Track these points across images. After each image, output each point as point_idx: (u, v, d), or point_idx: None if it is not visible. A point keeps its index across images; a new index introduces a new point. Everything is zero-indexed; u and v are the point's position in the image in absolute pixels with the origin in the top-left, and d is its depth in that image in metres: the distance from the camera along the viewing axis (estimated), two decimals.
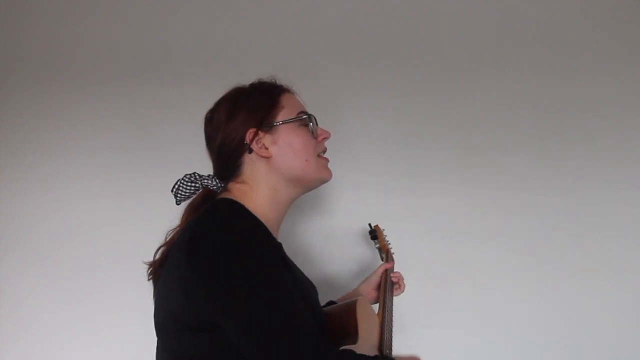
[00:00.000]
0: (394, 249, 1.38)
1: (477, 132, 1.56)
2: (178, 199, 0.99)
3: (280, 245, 0.90)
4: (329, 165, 1.06)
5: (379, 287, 1.28)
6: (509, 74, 1.58)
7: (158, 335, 0.92)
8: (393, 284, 1.28)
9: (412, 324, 1.47)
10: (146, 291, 0.97)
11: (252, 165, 0.98)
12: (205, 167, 1.03)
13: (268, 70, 1.07)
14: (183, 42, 1.66)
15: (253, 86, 1.04)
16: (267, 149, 0.97)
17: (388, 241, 1.41)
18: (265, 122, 0.98)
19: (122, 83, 1.65)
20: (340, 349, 0.86)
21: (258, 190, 0.97)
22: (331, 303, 1.26)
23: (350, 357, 0.81)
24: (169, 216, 0.99)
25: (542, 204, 1.52)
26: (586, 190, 1.52)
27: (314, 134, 1.02)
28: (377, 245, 1.40)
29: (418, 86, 1.59)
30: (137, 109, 1.63)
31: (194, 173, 0.99)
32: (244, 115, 0.98)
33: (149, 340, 0.92)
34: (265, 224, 0.91)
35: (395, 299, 1.27)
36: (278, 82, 1.06)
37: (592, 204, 1.51)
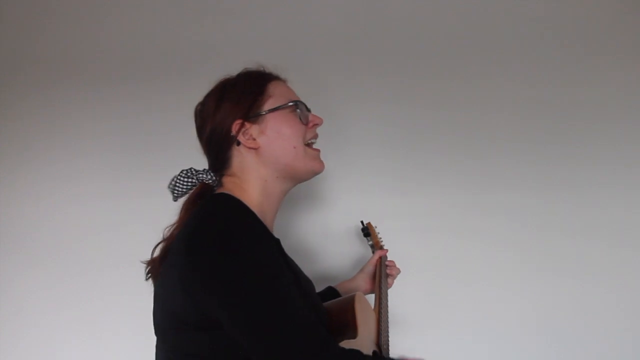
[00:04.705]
0: (392, 248, 1.38)
1: (477, 134, 1.58)
2: (175, 194, 0.97)
3: (278, 240, 0.89)
4: (322, 158, 1.04)
5: (374, 277, 1.28)
6: (507, 77, 1.59)
7: (157, 333, 0.91)
8: (387, 275, 1.28)
9: (409, 323, 1.49)
10: (146, 293, 0.96)
11: (240, 157, 0.97)
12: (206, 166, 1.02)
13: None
14: (185, 44, 1.65)
15: (239, 76, 1.02)
16: (254, 139, 0.95)
17: (380, 238, 1.42)
18: (251, 112, 0.96)
19: (122, 85, 1.64)
20: (341, 344, 0.85)
21: (248, 182, 0.96)
22: (330, 289, 1.26)
23: (357, 356, 0.80)
24: (170, 218, 0.97)
25: (540, 205, 1.53)
26: (584, 191, 1.53)
27: (302, 120, 1.00)
28: (370, 242, 1.41)
29: (418, 89, 1.60)
30: (137, 110, 1.63)
31: (190, 168, 0.98)
32: (229, 106, 0.96)
33: (149, 344, 0.91)
34: (260, 217, 0.90)
35: (391, 296, 1.27)
36: (266, 70, 1.03)
37: (590, 205, 1.53)
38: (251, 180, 0.96)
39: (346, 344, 0.87)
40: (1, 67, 1.69)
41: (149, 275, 0.97)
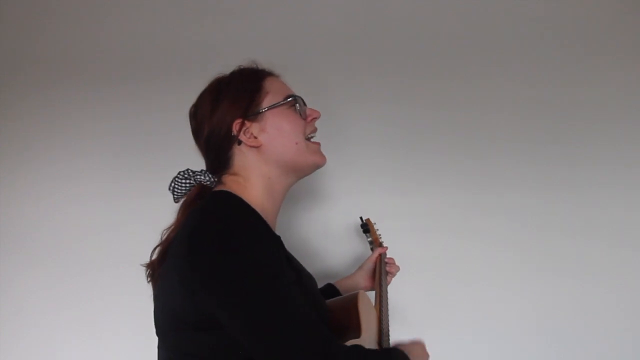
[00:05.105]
0: (392, 248, 1.38)
1: (477, 134, 1.57)
2: (175, 196, 0.97)
3: (279, 238, 0.89)
4: (323, 151, 1.04)
5: (374, 274, 1.27)
6: (507, 77, 1.59)
7: (158, 334, 0.90)
8: (387, 272, 1.28)
9: (409, 323, 1.48)
10: (146, 294, 0.96)
11: (242, 156, 0.96)
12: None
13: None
14: (185, 44, 1.65)
15: (233, 74, 1.00)
16: (255, 137, 0.95)
17: (379, 234, 1.42)
18: (250, 110, 0.95)
19: (122, 85, 1.64)
20: (346, 343, 0.85)
21: (251, 180, 0.95)
22: (330, 286, 1.26)
23: (360, 351, 0.80)
24: (170, 218, 0.97)
25: (540, 205, 1.53)
26: (584, 191, 1.53)
27: (301, 115, 1.00)
28: (369, 239, 1.40)
29: (418, 89, 1.60)
30: (137, 110, 1.63)
31: (187, 169, 0.97)
32: (227, 106, 0.95)
33: (149, 344, 0.91)
34: (262, 215, 0.89)
35: (391, 296, 1.27)
36: (259, 67, 1.02)
37: (590, 205, 1.52)
38: (254, 178, 0.95)
39: (350, 343, 0.87)
40: (1, 67, 1.69)
41: (149, 278, 0.97)
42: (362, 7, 1.64)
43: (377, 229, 1.43)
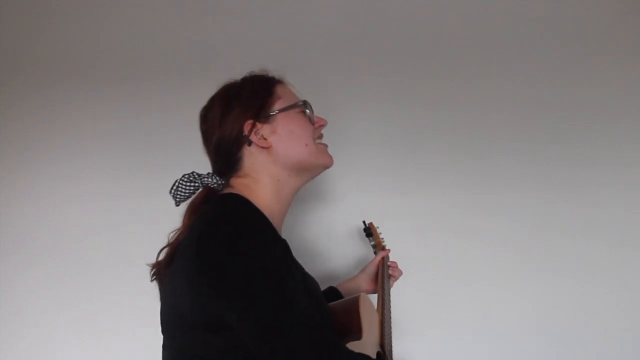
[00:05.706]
0: (392, 248, 1.38)
1: (477, 134, 1.58)
2: (177, 199, 0.97)
3: (285, 241, 0.89)
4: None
5: (376, 277, 1.28)
6: (507, 77, 1.59)
7: (164, 333, 0.90)
8: (389, 275, 1.28)
9: (409, 323, 1.49)
10: (147, 294, 0.96)
11: (252, 158, 0.96)
12: (208, 168, 1.02)
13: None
14: (185, 44, 1.65)
15: (245, 79, 1.02)
16: (265, 139, 0.95)
17: (382, 238, 1.42)
18: (261, 112, 0.96)
19: (122, 85, 1.64)
20: (347, 345, 0.85)
21: (261, 182, 0.95)
22: (332, 289, 1.26)
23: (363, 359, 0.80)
24: (170, 219, 0.98)
25: (540, 205, 1.53)
26: (584, 191, 1.53)
27: (310, 120, 1.01)
28: (372, 242, 1.41)
29: (418, 89, 1.60)
30: (137, 110, 1.63)
31: (192, 172, 0.97)
32: (239, 108, 0.96)
33: (149, 344, 0.91)
34: (269, 218, 0.90)
35: (392, 296, 1.27)
36: (270, 74, 1.04)
37: (590, 205, 1.52)
38: (264, 180, 0.96)
39: (351, 345, 0.87)
40: (1, 67, 1.69)
41: (154, 277, 0.97)
42: (362, 7, 1.64)
43: (380, 233, 1.43)
